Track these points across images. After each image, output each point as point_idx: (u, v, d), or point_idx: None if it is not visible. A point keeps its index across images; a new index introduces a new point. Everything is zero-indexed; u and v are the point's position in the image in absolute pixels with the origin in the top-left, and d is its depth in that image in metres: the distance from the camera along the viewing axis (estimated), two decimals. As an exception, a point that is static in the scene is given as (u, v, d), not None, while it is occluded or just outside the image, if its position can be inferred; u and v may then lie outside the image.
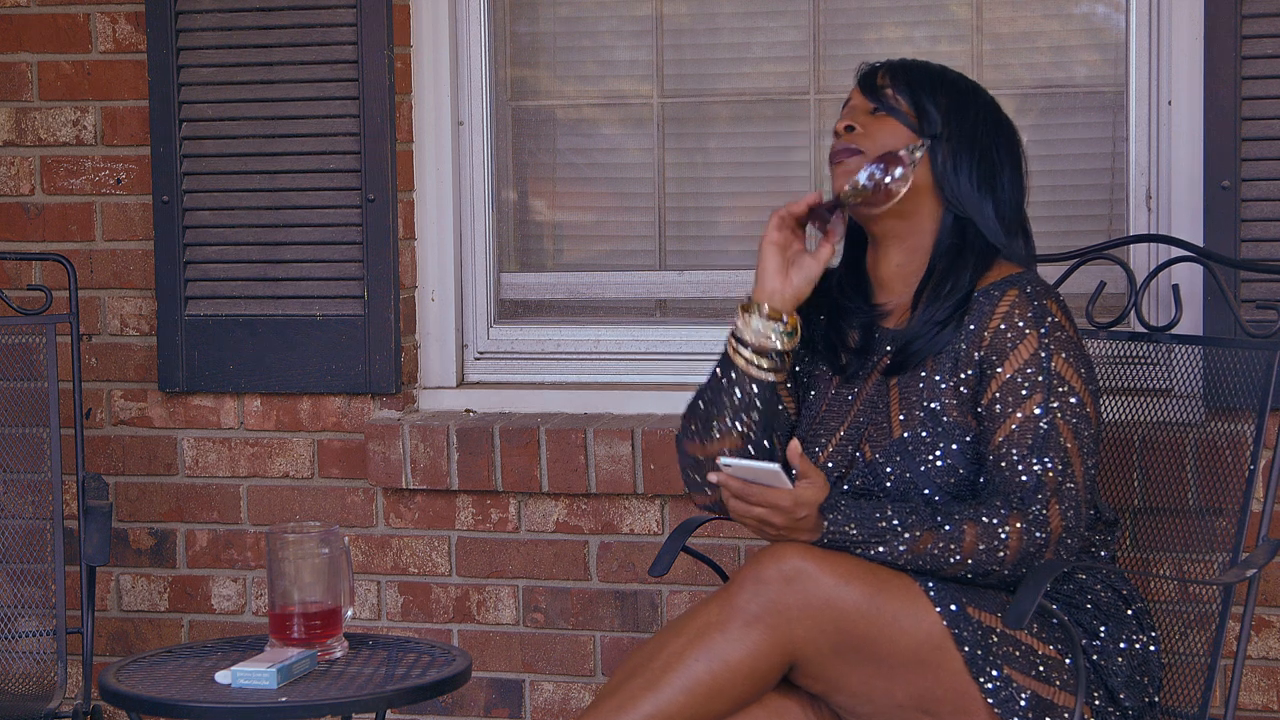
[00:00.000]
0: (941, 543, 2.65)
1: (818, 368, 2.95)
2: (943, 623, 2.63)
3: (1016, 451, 2.71)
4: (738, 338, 2.83)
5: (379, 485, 3.79)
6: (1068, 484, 2.70)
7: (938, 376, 2.80)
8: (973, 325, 2.79)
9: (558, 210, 3.95)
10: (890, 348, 2.86)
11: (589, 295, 3.89)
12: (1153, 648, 2.82)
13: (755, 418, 2.84)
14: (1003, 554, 2.67)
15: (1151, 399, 3.27)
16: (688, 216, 3.87)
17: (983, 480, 2.75)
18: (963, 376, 2.78)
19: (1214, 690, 2.94)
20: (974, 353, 2.78)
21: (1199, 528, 3.12)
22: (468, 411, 3.84)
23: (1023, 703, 2.65)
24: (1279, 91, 3.40)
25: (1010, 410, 2.73)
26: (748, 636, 2.61)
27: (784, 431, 2.93)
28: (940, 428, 2.77)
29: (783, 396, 2.91)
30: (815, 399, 2.92)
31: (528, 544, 3.78)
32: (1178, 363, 3.23)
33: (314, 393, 3.86)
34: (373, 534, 3.86)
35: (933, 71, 2.90)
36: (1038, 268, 2.94)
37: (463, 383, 3.89)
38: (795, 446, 2.62)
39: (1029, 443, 2.71)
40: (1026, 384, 2.73)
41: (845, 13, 3.74)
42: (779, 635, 2.61)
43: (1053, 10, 3.67)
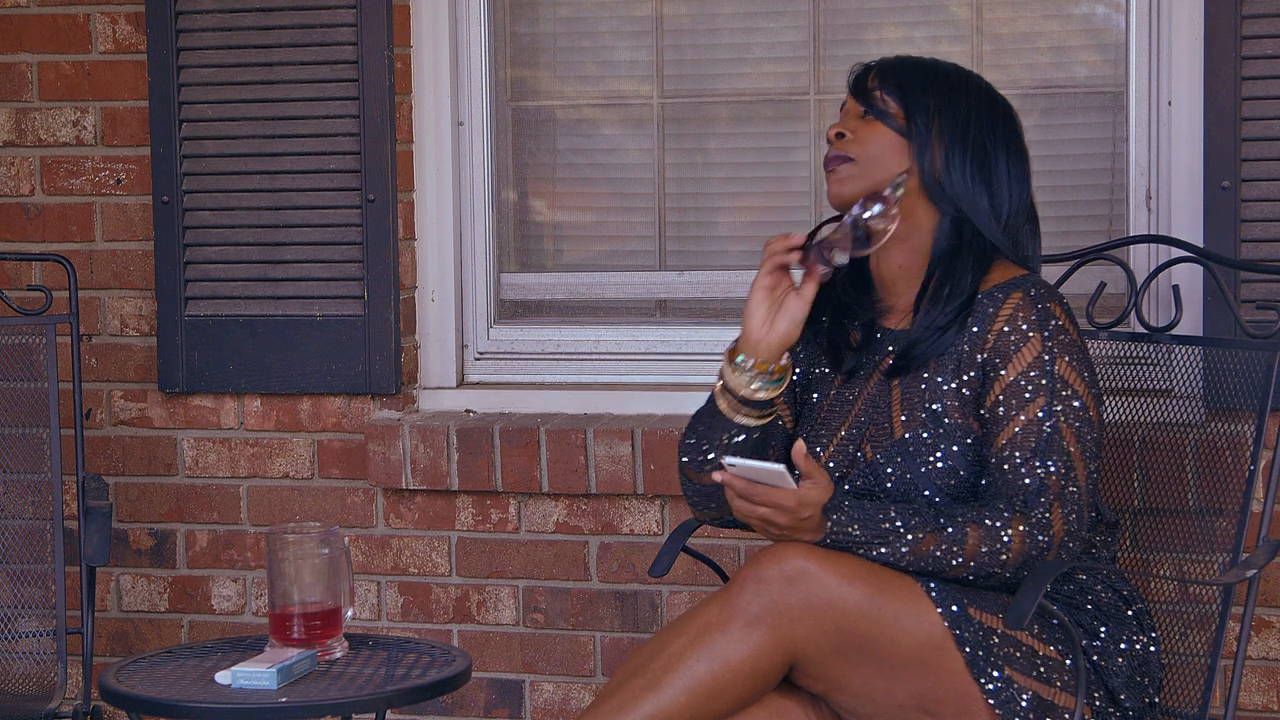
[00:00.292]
0: (944, 545, 2.65)
1: (819, 368, 2.94)
2: (944, 623, 2.63)
3: (1020, 454, 2.71)
4: (724, 384, 2.79)
5: (379, 485, 3.79)
6: (1070, 487, 2.70)
7: (940, 378, 2.79)
8: (976, 327, 2.79)
9: (558, 210, 3.95)
10: (892, 348, 2.86)
11: (589, 295, 3.89)
12: (1153, 648, 2.81)
13: (746, 453, 2.81)
14: (1005, 557, 2.67)
15: (1151, 399, 3.26)
16: (688, 217, 3.87)
17: (985, 482, 2.75)
18: (965, 378, 2.78)
19: (1214, 690, 2.94)
20: (977, 355, 2.78)
21: (1199, 528, 3.11)
22: (468, 412, 3.84)
23: (1024, 703, 2.65)
24: (1279, 92, 3.40)
25: (1013, 413, 2.73)
26: (749, 637, 2.61)
27: (780, 441, 2.94)
28: (942, 429, 2.77)
29: (779, 407, 2.89)
30: (817, 399, 2.92)
31: (528, 544, 3.78)
32: (1178, 363, 3.23)
33: (314, 393, 3.86)
34: (373, 534, 3.86)
35: (923, 69, 2.89)
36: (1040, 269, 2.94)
37: (463, 383, 3.89)
38: (800, 447, 2.61)
39: (1032, 446, 2.70)
40: (1030, 387, 2.73)
41: (845, 13, 3.74)
42: (780, 635, 2.61)
43: (1053, 10, 3.67)
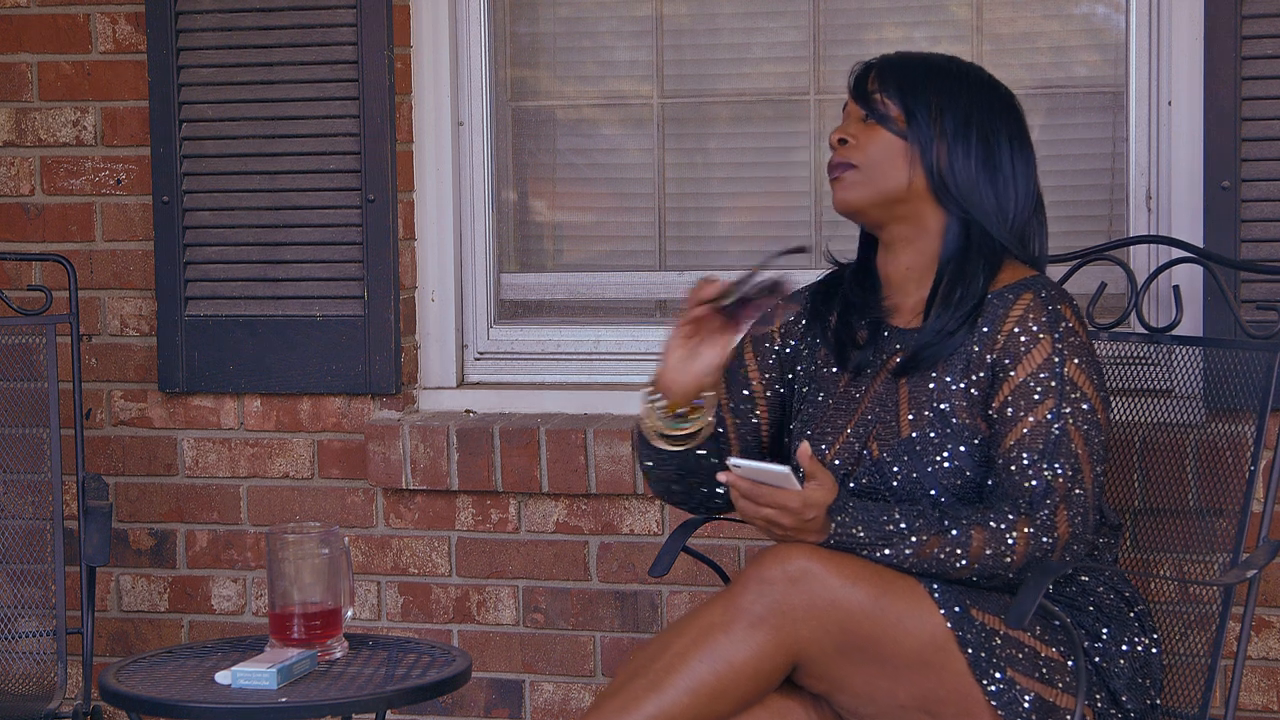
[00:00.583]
0: (949, 547, 2.65)
1: (826, 368, 2.93)
2: (946, 624, 2.63)
3: (1027, 456, 2.70)
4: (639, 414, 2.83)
5: (379, 485, 3.79)
6: (1076, 490, 2.70)
7: (948, 378, 2.79)
8: (985, 328, 2.78)
9: (558, 210, 3.95)
10: (900, 346, 2.85)
11: (589, 295, 3.89)
12: (1154, 650, 2.81)
13: (677, 488, 2.87)
14: (1009, 559, 2.67)
15: (1152, 400, 3.26)
16: (688, 217, 3.87)
17: (991, 483, 2.75)
18: (974, 378, 2.77)
19: (1214, 691, 2.94)
20: (986, 355, 2.77)
21: (1199, 528, 3.11)
22: (468, 412, 3.84)
23: (1026, 705, 2.64)
24: (1279, 92, 3.40)
25: (1022, 414, 2.72)
26: (752, 638, 2.60)
27: (754, 448, 2.95)
28: (949, 429, 2.77)
29: (699, 439, 2.85)
30: (823, 398, 2.91)
31: (528, 544, 3.78)
32: (1178, 363, 3.23)
33: (314, 393, 3.86)
34: (373, 534, 3.86)
35: (923, 67, 2.87)
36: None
37: (463, 383, 3.89)
38: (805, 449, 2.61)
39: (1039, 448, 2.70)
40: (1039, 389, 2.72)
41: (845, 13, 3.74)
42: (783, 636, 2.60)
43: (1053, 10, 3.67)
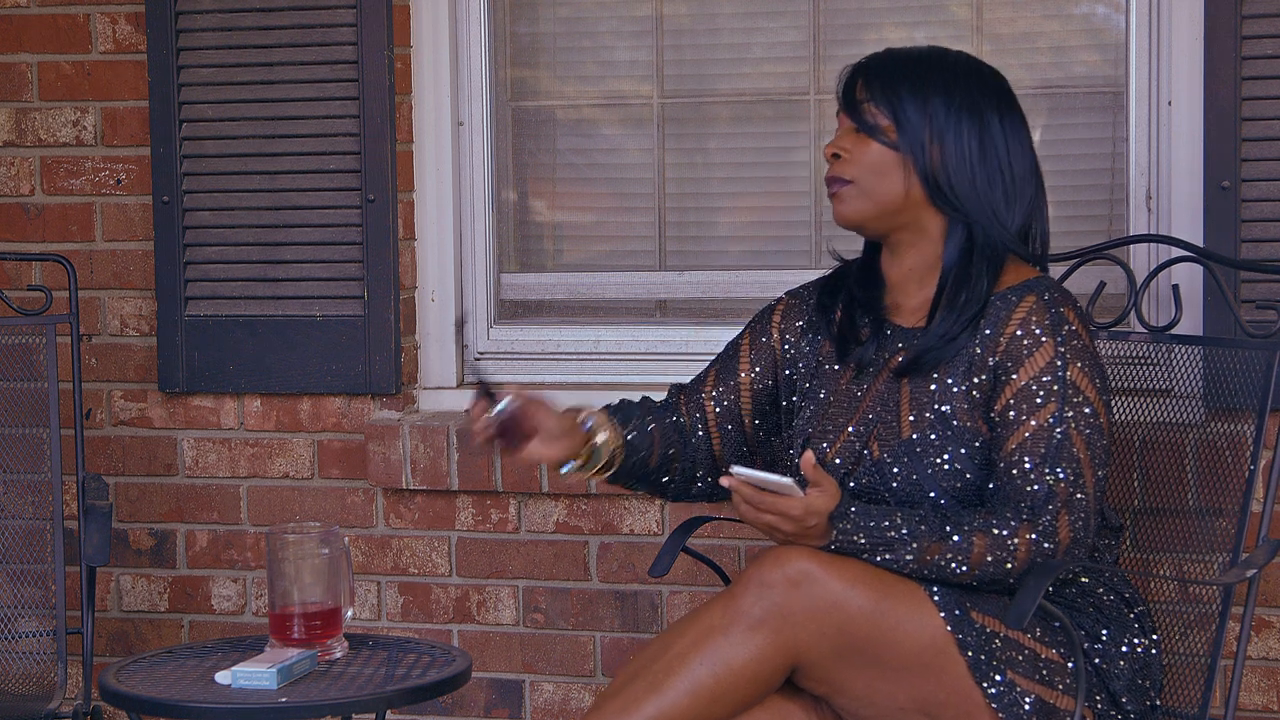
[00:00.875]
0: (950, 553, 2.65)
1: (825, 364, 2.93)
2: (946, 627, 2.63)
3: (1029, 460, 2.70)
4: None
5: (379, 485, 3.79)
6: (1078, 495, 2.69)
7: (950, 380, 2.78)
8: (988, 330, 2.77)
9: (558, 210, 3.95)
10: (902, 345, 2.85)
11: (589, 295, 3.89)
12: (1155, 651, 2.81)
13: (672, 486, 3.00)
14: (1010, 565, 2.66)
15: (1151, 399, 3.26)
16: (688, 217, 3.87)
17: (992, 486, 2.74)
18: (976, 381, 2.77)
19: (1214, 690, 2.94)
20: (988, 358, 2.76)
21: (1199, 528, 3.11)
22: (468, 412, 3.83)
23: (1026, 707, 2.64)
24: (1279, 92, 3.40)
25: (1024, 418, 2.71)
26: (752, 640, 2.60)
27: (733, 435, 2.99)
28: (950, 431, 2.76)
29: (743, 406, 2.93)
30: (825, 394, 2.91)
31: (528, 544, 3.78)
32: (1178, 363, 3.22)
33: (314, 393, 3.86)
34: (373, 534, 3.86)
35: (908, 64, 2.83)
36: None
37: (463, 383, 3.89)
38: (809, 458, 2.60)
39: (1041, 452, 2.69)
40: (1041, 392, 2.72)
41: (845, 13, 3.74)
42: (783, 639, 2.60)
43: (1053, 10, 3.67)
